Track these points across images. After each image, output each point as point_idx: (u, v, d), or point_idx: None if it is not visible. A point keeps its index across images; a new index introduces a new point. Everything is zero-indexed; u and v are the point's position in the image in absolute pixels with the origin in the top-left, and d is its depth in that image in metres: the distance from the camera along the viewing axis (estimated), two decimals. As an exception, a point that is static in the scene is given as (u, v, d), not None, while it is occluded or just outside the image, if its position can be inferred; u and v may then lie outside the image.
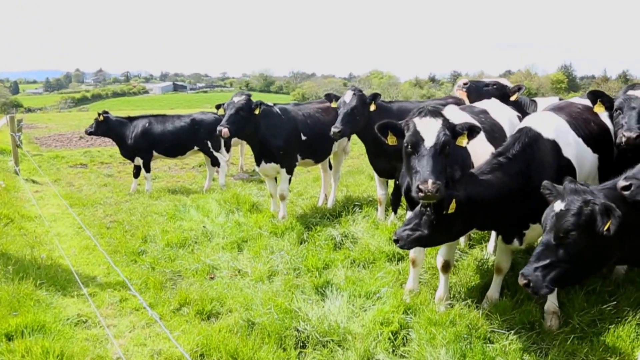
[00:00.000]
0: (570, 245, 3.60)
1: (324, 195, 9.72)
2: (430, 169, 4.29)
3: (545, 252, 3.67)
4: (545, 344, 4.54)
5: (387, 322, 4.80)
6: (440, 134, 4.45)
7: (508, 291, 5.46)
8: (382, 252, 6.65)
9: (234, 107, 7.96)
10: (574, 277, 3.79)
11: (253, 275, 6.27)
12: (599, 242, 3.58)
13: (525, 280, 3.66)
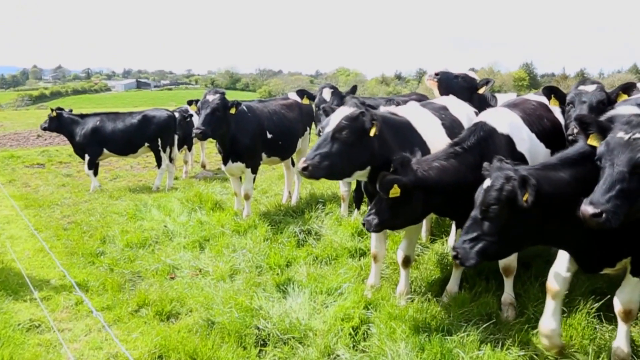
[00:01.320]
0: (493, 219, 3.74)
1: (287, 192, 9.69)
2: (314, 149, 4.67)
3: (473, 226, 3.83)
4: (501, 334, 4.62)
5: (348, 317, 4.81)
6: (341, 121, 4.73)
7: (467, 284, 5.55)
8: (345, 248, 6.67)
9: (210, 107, 7.74)
10: (499, 250, 3.89)
11: (214, 274, 6.20)
12: (521, 216, 3.69)
13: (455, 252, 3.84)
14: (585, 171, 3.74)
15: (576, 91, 5.36)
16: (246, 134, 8.21)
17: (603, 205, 3.22)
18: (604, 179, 3.35)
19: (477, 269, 5.84)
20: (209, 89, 8.22)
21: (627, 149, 3.32)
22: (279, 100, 9.42)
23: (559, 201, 3.74)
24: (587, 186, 3.53)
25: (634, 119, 3.46)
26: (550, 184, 3.74)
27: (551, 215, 3.77)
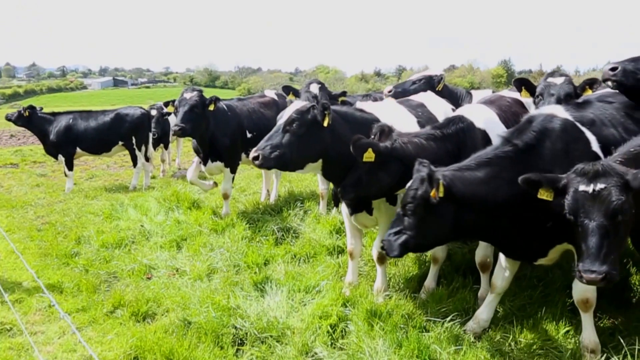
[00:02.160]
0: (411, 215, 4.00)
1: (266, 191, 9.64)
2: (265, 140, 4.89)
3: (397, 221, 4.11)
4: (479, 330, 4.65)
5: (326, 315, 4.80)
6: (292, 114, 4.86)
7: (445, 280, 5.58)
8: (323, 245, 6.66)
9: (188, 104, 7.64)
10: (418, 243, 4.11)
11: (192, 274, 6.14)
12: (436, 213, 3.95)
13: (382, 244, 4.13)
14: (500, 170, 4.00)
15: (545, 83, 5.49)
16: (226, 134, 8.14)
17: (602, 268, 3.31)
18: (590, 239, 3.39)
19: (454, 265, 5.91)
20: (186, 88, 8.12)
21: (597, 202, 3.39)
22: (256, 98, 9.35)
23: (473, 198, 3.97)
24: (502, 183, 3.92)
25: (587, 168, 3.51)
26: (465, 182, 3.98)
27: (467, 211, 3.99)
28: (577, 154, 3.99)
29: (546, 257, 4.30)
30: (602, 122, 4.30)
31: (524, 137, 4.12)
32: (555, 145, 4.06)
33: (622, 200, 3.33)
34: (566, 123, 4.17)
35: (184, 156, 16.06)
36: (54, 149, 11.76)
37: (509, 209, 4.00)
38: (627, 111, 4.45)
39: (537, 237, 4.12)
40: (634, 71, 4.35)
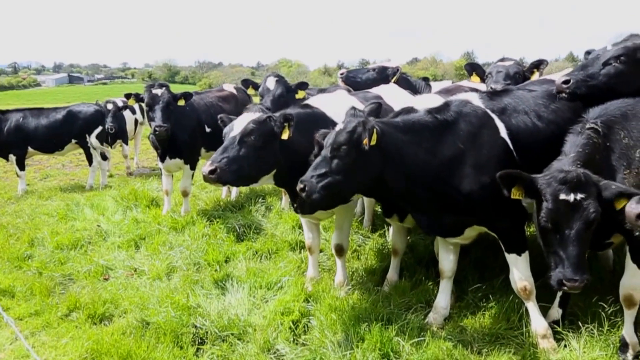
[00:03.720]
0: (341, 158, 4.00)
1: (227, 187, 9.49)
2: (218, 154, 4.55)
3: (322, 164, 4.07)
4: (441, 319, 4.70)
5: (288, 311, 4.75)
6: (249, 124, 4.64)
7: (407, 272, 5.61)
8: (285, 241, 6.60)
9: (164, 102, 7.41)
10: (341, 188, 4.10)
11: (150, 274, 5.99)
12: (364, 159, 4.01)
13: (302, 185, 4.03)
14: (421, 137, 4.16)
15: (495, 65, 5.87)
16: (185, 129, 7.94)
17: (583, 275, 3.47)
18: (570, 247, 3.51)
19: (416, 257, 5.94)
20: (150, 83, 7.84)
21: (576, 213, 3.50)
22: (214, 92, 9.17)
23: (397, 155, 4.09)
24: (420, 149, 4.11)
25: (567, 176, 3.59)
26: (392, 138, 4.10)
27: (390, 166, 4.09)
28: (485, 139, 4.20)
29: (462, 236, 4.46)
30: (514, 110, 4.43)
31: (443, 114, 4.28)
32: (467, 127, 4.23)
33: (599, 211, 3.47)
34: (478, 109, 4.34)
35: (142, 154, 15.71)
36: (4, 149, 11.27)
37: (423, 176, 4.14)
38: (545, 101, 4.57)
39: (450, 213, 4.27)
40: (585, 80, 4.47)
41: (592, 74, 4.48)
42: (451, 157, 4.15)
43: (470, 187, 4.12)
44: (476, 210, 4.20)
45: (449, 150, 4.16)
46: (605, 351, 4.13)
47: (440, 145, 4.16)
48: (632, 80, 4.46)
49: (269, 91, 7.23)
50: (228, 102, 8.64)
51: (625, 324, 4.18)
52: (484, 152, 4.16)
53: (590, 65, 4.55)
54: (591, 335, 4.30)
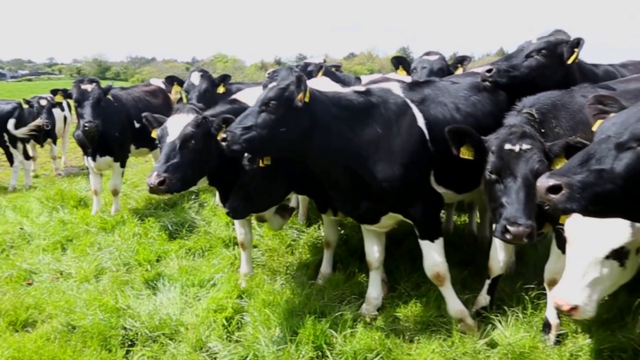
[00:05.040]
0: (270, 113, 3.97)
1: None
2: (162, 163, 4.37)
3: (249, 117, 4.00)
4: (373, 310, 4.77)
5: (221, 308, 4.70)
6: (186, 128, 4.52)
7: (341, 265, 5.67)
8: (219, 238, 6.53)
9: (94, 98, 7.10)
10: (263, 144, 4.03)
11: (77, 276, 5.75)
12: (292, 117, 4.00)
13: (224, 135, 3.93)
14: (348, 112, 4.19)
15: (420, 60, 6.02)
16: (114, 126, 7.65)
17: (528, 221, 3.45)
18: (514, 194, 3.55)
19: (350, 250, 6.01)
20: (79, 78, 7.48)
21: (521, 161, 3.58)
22: (141, 86, 8.93)
23: (322, 121, 4.08)
24: (344, 124, 4.13)
25: (515, 129, 3.73)
26: (322, 102, 4.13)
27: (315, 131, 4.07)
28: (403, 126, 4.28)
29: (379, 224, 4.53)
30: (433, 101, 4.54)
31: (366, 97, 4.35)
32: (386, 113, 4.30)
33: (545, 163, 3.52)
34: (397, 98, 4.42)
35: (70, 153, 15.08)
36: None
37: (343, 154, 4.17)
38: (466, 93, 4.71)
39: (366, 199, 4.32)
40: (507, 70, 4.66)
41: (514, 64, 4.68)
42: (369, 140, 4.19)
43: (384, 172, 4.16)
44: (389, 196, 4.24)
45: (368, 132, 4.20)
46: (529, 332, 4.32)
47: (361, 126, 4.20)
48: (551, 73, 4.71)
49: (194, 87, 7.11)
50: (156, 97, 8.43)
51: (548, 306, 4.39)
52: (400, 139, 4.22)
53: (514, 57, 4.76)
54: (517, 318, 4.50)
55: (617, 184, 2.46)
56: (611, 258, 3.35)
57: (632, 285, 4.86)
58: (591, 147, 2.62)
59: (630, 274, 3.51)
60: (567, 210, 2.53)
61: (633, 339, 4.16)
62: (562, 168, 2.61)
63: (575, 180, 2.48)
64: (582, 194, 2.47)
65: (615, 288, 3.56)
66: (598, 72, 5.45)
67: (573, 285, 3.37)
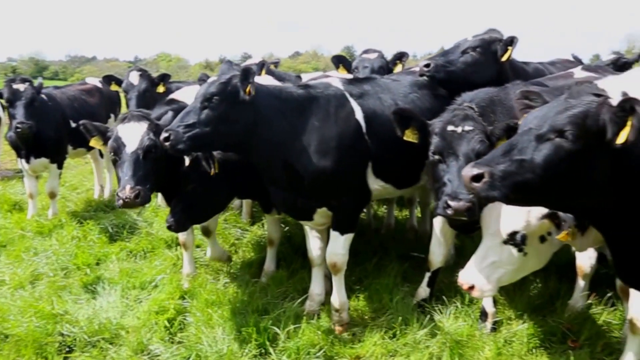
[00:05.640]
0: (213, 109, 3.93)
1: (99, 186, 9.00)
2: (130, 175, 4.24)
3: (191, 114, 3.93)
4: (317, 306, 4.82)
5: (163, 310, 4.64)
6: (143, 139, 4.41)
7: (284, 262, 5.69)
8: (161, 239, 6.42)
9: (27, 98, 6.81)
10: (207, 141, 4.01)
11: (12, 283, 5.51)
12: (237, 112, 4.00)
13: (167, 134, 3.86)
14: (288, 107, 4.23)
15: (360, 58, 6.17)
16: (49, 126, 7.34)
17: (468, 196, 3.47)
18: (456, 172, 3.61)
19: (293, 247, 6.04)
20: (10, 78, 7.14)
21: (463, 141, 3.67)
22: (76, 85, 8.64)
23: (265, 119, 4.10)
24: (284, 119, 4.17)
25: (457, 112, 3.86)
26: (265, 96, 4.13)
27: (260, 125, 4.09)
28: (341, 119, 4.34)
29: (313, 221, 4.58)
30: (372, 96, 4.63)
31: (307, 91, 4.39)
32: (326, 106, 4.35)
33: (487, 144, 3.62)
34: (337, 91, 4.49)
35: (5, 155, 14.41)
36: None
37: (284, 147, 4.19)
38: (406, 90, 4.84)
39: (302, 194, 4.35)
40: (444, 65, 4.81)
41: (451, 60, 4.85)
42: (308, 133, 4.23)
43: (319, 164, 4.20)
44: (322, 189, 4.28)
45: (307, 125, 4.24)
46: (467, 321, 4.48)
47: (300, 119, 4.24)
48: (485, 70, 4.91)
49: (133, 86, 6.94)
50: (92, 96, 8.17)
51: None
52: (337, 132, 4.28)
53: (450, 53, 4.93)
54: (456, 308, 4.65)
55: (536, 173, 2.61)
56: (509, 243, 3.52)
57: (561, 272, 5.17)
58: (514, 139, 2.77)
59: (537, 261, 3.69)
60: (488, 197, 2.66)
61: (562, 322, 4.39)
62: (486, 157, 2.75)
63: (497, 170, 2.61)
64: (503, 182, 2.60)
65: (524, 273, 3.74)
66: (528, 70, 5.71)
67: (473, 267, 3.57)
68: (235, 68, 6.14)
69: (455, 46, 5.01)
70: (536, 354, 4.11)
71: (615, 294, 4.41)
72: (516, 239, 3.52)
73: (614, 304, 4.60)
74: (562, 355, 4.00)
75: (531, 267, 3.70)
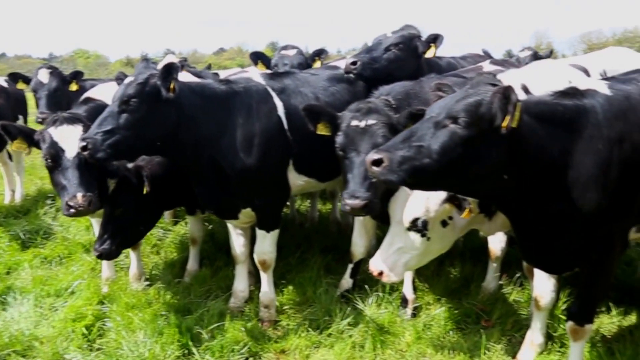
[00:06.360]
0: (132, 112, 3.80)
1: (10, 191, 8.50)
2: (77, 182, 4.07)
3: (109, 119, 3.79)
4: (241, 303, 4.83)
5: (81, 317, 4.47)
6: (81, 142, 4.14)
7: (208, 261, 5.64)
8: (79, 243, 6.18)
9: None
10: (132, 146, 3.88)
11: None
12: (159, 112, 3.90)
13: (84, 143, 3.71)
14: (210, 104, 4.18)
15: (279, 55, 6.23)
16: None
17: (365, 194, 3.57)
18: (356, 169, 3.68)
19: (217, 245, 5.98)
20: None
21: (365, 137, 3.72)
22: (-22, 85, 8.11)
23: (189, 118, 4.03)
24: (208, 116, 4.12)
25: (361, 106, 3.91)
26: (186, 98, 4.03)
27: (183, 123, 4.01)
28: (262, 113, 4.36)
29: (239, 220, 4.59)
30: (293, 91, 4.67)
31: (229, 87, 4.38)
32: (248, 100, 4.34)
33: (388, 137, 3.63)
34: (259, 86, 4.51)
35: None
36: None
37: (209, 145, 4.16)
38: (325, 84, 4.92)
39: (226, 191, 4.34)
40: (370, 63, 4.93)
41: (375, 57, 4.97)
42: (233, 130, 4.20)
43: (243, 161, 4.19)
44: (246, 185, 4.28)
45: (232, 122, 4.21)
46: (389, 309, 4.61)
47: (225, 116, 4.20)
48: (407, 65, 5.11)
49: (42, 85, 6.61)
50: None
51: (405, 283, 4.71)
52: (259, 128, 4.28)
53: (374, 50, 5.06)
54: (378, 297, 4.77)
55: (433, 158, 2.78)
56: (412, 230, 3.66)
57: (476, 256, 5.44)
58: (415, 126, 2.94)
59: (441, 245, 3.85)
60: (387, 181, 2.82)
61: (476, 304, 4.63)
62: (388, 144, 2.91)
63: (396, 155, 2.76)
64: (401, 166, 2.75)
65: (430, 257, 3.90)
66: (442, 64, 5.95)
67: (381, 254, 3.71)
68: (152, 66, 5.97)
69: (377, 43, 5.15)
70: (453, 336, 4.30)
71: (524, 274, 4.68)
72: (418, 225, 3.64)
73: (522, 284, 4.88)
74: (476, 335, 4.21)
75: (436, 251, 3.86)
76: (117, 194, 4.52)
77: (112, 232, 4.43)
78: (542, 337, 4.00)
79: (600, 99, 3.22)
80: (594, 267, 3.41)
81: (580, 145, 3.10)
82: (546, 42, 57.71)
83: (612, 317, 4.50)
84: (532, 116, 3.00)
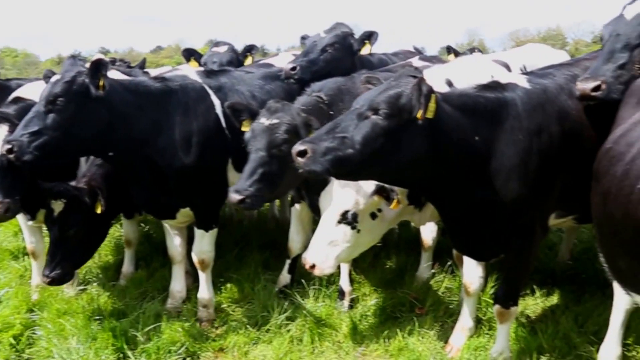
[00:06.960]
0: (59, 112, 3.69)
1: None
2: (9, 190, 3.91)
3: (36, 120, 3.68)
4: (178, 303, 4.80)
5: (8, 326, 4.32)
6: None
7: (144, 262, 5.56)
8: (6, 250, 5.97)
9: None
10: (62, 147, 3.79)
11: None
12: (90, 110, 3.80)
13: (9, 146, 3.61)
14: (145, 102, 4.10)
15: (210, 52, 6.21)
16: None
17: (246, 191, 3.58)
18: (248, 165, 3.71)
19: (153, 246, 5.91)
20: None
21: (266, 134, 3.72)
22: None
23: (121, 115, 3.93)
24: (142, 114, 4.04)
25: (272, 105, 3.91)
26: (117, 94, 3.93)
27: (115, 128, 3.91)
28: (200, 112, 4.35)
29: (175, 220, 4.57)
30: (229, 89, 4.68)
31: (164, 83, 4.32)
32: (184, 100, 4.31)
33: (286, 137, 3.69)
34: (195, 84, 4.48)
35: None
36: None
37: (144, 144, 4.08)
38: (260, 82, 4.96)
39: (164, 191, 4.30)
40: (308, 66, 5.02)
41: (313, 60, 5.08)
42: (169, 128, 4.16)
43: (181, 160, 4.16)
44: (184, 185, 4.26)
45: (168, 120, 4.16)
46: (326, 302, 4.68)
47: (160, 114, 4.14)
48: (343, 64, 5.24)
49: None
50: None
51: (342, 276, 4.80)
52: (197, 127, 4.26)
53: (310, 52, 5.15)
54: (316, 290, 4.83)
55: (356, 148, 2.88)
56: (342, 222, 3.74)
57: (410, 247, 5.61)
58: (339, 118, 3.04)
59: (371, 237, 3.96)
60: (311, 171, 2.88)
61: (409, 293, 4.77)
62: (313, 135, 3.00)
63: (320, 146, 2.84)
64: (324, 157, 2.83)
65: (361, 249, 3.99)
66: (373, 60, 6.09)
67: (313, 247, 3.77)
68: (80, 63, 5.79)
69: (313, 44, 5.23)
70: (388, 325, 4.42)
71: (455, 262, 4.87)
72: (348, 218, 3.73)
73: (454, 271, 5.07)
74: (410, 323, 4.34)
75: (367, 243, 3.96)
76: (66, 215, 4.26)
77: (63, 255, 4.22)
78: (472, 322, 4.18)
79: (520, 92, 3.40)
80: (516, 252, 3.58)
81: (502, 136, 3.27)
82: (478, 40, 59.79)
83: (536, 299, 4.75)
84: (455, 107, 3.14)
